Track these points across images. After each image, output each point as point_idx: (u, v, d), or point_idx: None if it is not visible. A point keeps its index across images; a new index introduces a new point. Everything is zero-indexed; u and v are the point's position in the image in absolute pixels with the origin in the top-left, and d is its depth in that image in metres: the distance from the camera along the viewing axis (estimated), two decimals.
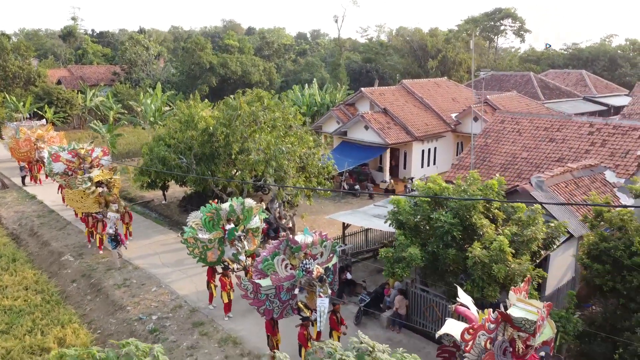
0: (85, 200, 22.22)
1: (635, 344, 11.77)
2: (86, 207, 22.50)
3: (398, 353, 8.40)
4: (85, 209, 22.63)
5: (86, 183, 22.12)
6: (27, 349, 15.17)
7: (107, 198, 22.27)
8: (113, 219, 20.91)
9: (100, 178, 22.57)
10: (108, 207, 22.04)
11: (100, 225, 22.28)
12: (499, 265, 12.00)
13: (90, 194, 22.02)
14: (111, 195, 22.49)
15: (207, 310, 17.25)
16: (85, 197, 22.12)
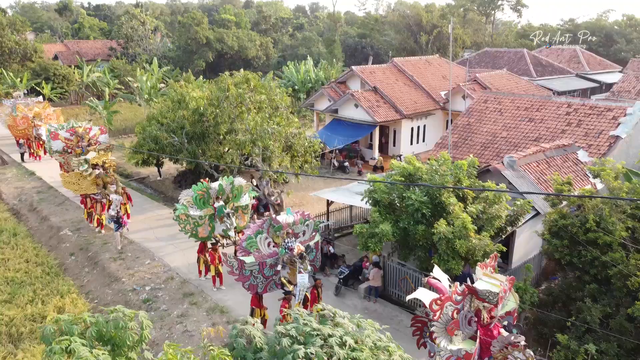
0: (82, 183, 22.60)
1: (585, 313, 12.84)
2: (83, 189, 22.88)
3: (355, 318, 9.39)
4: (83, 190, 23.00)
5: (83, 165, 22.47)
6: (29, 317, 16.28)
7: (105, 179, 22.62)
8: (117, 201, 21.20)
9: (97, 160, 22.80)
10: (106, 189, 22.50)
11: (99, 206, 22.72)
12: (461, 241, 12.99)
13: (87, 176, 22.38)
14: (109, 177, 22.79)
15: (197, 282, 18.34)
16: (82, 179, 22.50)
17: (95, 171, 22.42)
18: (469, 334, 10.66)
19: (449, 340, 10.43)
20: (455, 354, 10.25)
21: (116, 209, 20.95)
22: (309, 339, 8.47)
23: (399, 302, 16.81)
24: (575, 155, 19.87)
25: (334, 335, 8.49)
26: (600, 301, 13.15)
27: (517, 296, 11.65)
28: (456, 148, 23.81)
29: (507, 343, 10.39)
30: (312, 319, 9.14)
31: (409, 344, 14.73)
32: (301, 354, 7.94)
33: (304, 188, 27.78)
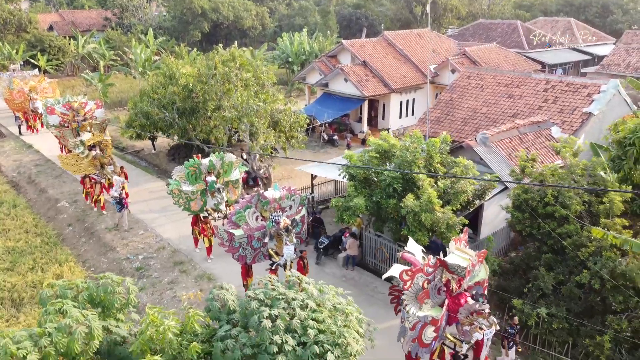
0: (80, 164, 22.67)
1: (540, 280, 13.96)
2: (81, 170, 22.97)
3: (318, 284, 10.46)
4: (81, 171, 23.10)
5: (79, 147, 22.53)
6: (29, 283, 17.48)
7: (102, 160, 22.80)
8: (119, 183, 21.36)
9: (93, 141, 22.85)
10: (104, 169, 22.79)
11: (98, 187, 23.02)
12: (426, 214, 13.99)
13: (84, 157, 22.52)
14: (105, 157, 22.97)
15: (187, 251, 19.48)
16: (80, 160, 22.58)
17: (92, 152, 22.64)
18: (438, 302, 11.73)
19: (418, 307, 11.51)
20: (422, 319, 11.34)
21: (119, 190, 21.22)
22: (274, 302, 9.56)
23: (375, 270, 17.96)
24: (549, 132, 20.70)
25: (297, 298, 9.57)
26: (556, 269, 14.27)
27: (487, 268, 12.72)
28: (438, 123, 24.63)
29: (472, 311, 11.50)
30: (279, 284, 10.23)
31: (382, 308, 16.04)
32: (265, 314, 9.03)
33: (293, 162, 28.67)
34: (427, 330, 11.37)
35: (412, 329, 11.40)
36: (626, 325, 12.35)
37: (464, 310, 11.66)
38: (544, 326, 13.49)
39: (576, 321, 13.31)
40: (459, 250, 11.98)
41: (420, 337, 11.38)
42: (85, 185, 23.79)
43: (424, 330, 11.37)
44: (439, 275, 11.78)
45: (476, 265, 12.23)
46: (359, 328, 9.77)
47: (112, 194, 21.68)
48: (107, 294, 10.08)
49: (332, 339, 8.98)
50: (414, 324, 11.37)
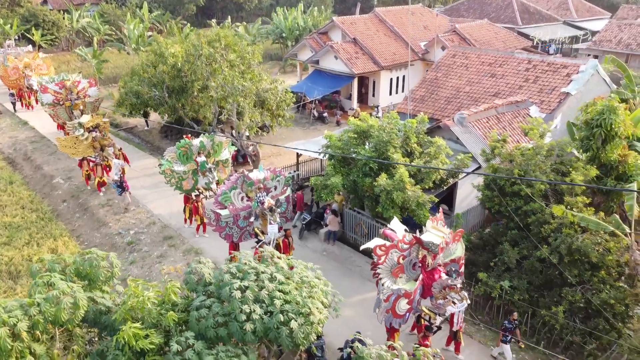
0: (78, 146, 22.78)
1: (505, 255, 14.81)
2: (80, 153, 23.03)
3: (288, 259, 11.29)
4: (80, 154, 23.13)
5: (78, 130, 22.61)
6: (26, 257, 18.35)
7: (102, 142, 22.93)
8: (118, 166, 21.45)
9: (92, 123, 22.87)
10: (104, 151, 22.93)
11: (99, 169, 23.17)
12: (397, 193, 14.74)
13: (84, 139, 22.62)
14: (105, 139, 23.12)
15: (177, 226, 20.33)
16: (79, 143, 22.68)
17: (92, 134, 22.76)
18: (414, 277, 12.53)
19: (392, 281, 12.33)
20: (395, 292, 12.17)
21: (119, 173, 21.34)
22: (245, 275, 10.40)
23: (355, 245, 18.82)
24: (527, 111, 21.28)
25: (266, 272, 10.41)
26: (521, 245, 15.10)
27: (463, 246, 13.51)
28: (423, 102, 25.17)
29: (445, 285, 12.33)
30: (251, 259, 11.06)
31: (359, 280, 17.00)
32: (236, 286, 9.88)
33: (283, 139, 29.31)
34: (400, 302, 12.18)
35: (386, 301, 12.20)
36: (580, 297, 13.23)
37: (437, 285, 12.45)
38: (507, 298, 14.40)
39: (536, 293, 14.23)
40: (435, 229, 12.73)
41: (394, 308, 12.20)
42: (83, 167, 23.85)
43: (398, 303, 12.19)
44: (414, 251, 12.54)
45: (451, 243, 12.99)
46: (324, 299, 10.62)
47: (111, 177, 21.73)
48: (93, 268, 10.88)
49: (297, 309, 9.83)
50: (388, 296, 12.17)
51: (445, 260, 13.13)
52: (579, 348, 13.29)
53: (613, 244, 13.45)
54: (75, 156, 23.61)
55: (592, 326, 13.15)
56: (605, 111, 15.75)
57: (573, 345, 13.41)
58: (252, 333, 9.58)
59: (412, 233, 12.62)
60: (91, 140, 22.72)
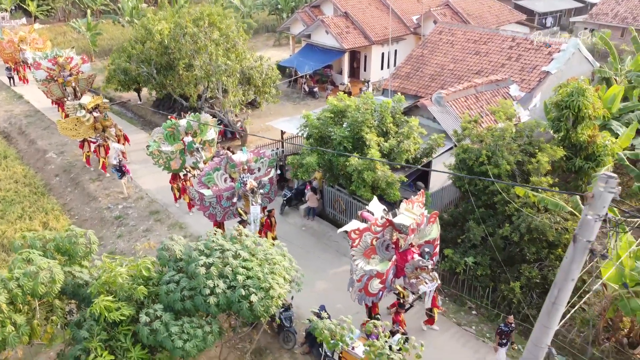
0: (79, 128, 22.66)
1: (470, 232, 15.46)
2: (81, 134, 22.98)
3: (254, 237, 11.97)
4: (80, 136, 23.08)
5: (80, 111, 22.53)
6: (18, 231, 19.15)
7: (104, 123, 22.95)
8: (117, 150, 21.38)
9: (93, 104, 22.80)
10: (105, 132, 23.01)
11: (102, 150, 23.14)
12: (368, 172, 15.32)
13: (85, 121, 22.53)
14: (107, 120, 23.13)
15: (163, 202, 21.03)
16: (80, 124, 22.55)
17: (93, 115, 22.73)
18: (387, 257, 13.10)
19: (366, 262, 12.90)
20: (368, 273, 12.75)
21: (118, 158, 21.36)
22: (212, 252, 11.12)
23: (334, 220, 19.52)
24: (507, 90, 21.60)
25: (230, 249, 11.11)
26: (487, 223, 15.74)
27: (438, 227, 14.04)
28: (408, 79, 25.45)
29: (417, 266, 12.93)
30: (219, 237, 11.75)
31: (334, 255, 17.76)
32: (201, 263, 10.61)
33: (273, 114, 29.72)
34: (372, 282, 12.71)
35: (359, 281, 12.74)
36: (536, 273, 13.94)
37: (409, 265, 13.03)
38: (471, 273, 15.14)
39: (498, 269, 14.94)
40: (408, 211, 13.25)
41: (366, 288, 12.74)
42: (84, 149, 23.95)
43: (370, 282, 12.70)
44: (388, 233, 13.10)
45: (423, 225, 13.50)
46: (286, 275, 11.34)
47: (110, 162, 21.75)
48: (72, 244, 11.63)
49: (258, 284, 10.57)
50: (360, 276, 12.70)
51: (420, 242, 13.69)
52: (534, 321, 14.06)
53: (570, 224, 14.06)
54: (76, 138, 23.51)
55: None
56: (574, 93, 16.13)
57: (529, 319, 14.18)
58: (215, 306, 10.35)
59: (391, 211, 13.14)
60: (92, 121, 22.73)
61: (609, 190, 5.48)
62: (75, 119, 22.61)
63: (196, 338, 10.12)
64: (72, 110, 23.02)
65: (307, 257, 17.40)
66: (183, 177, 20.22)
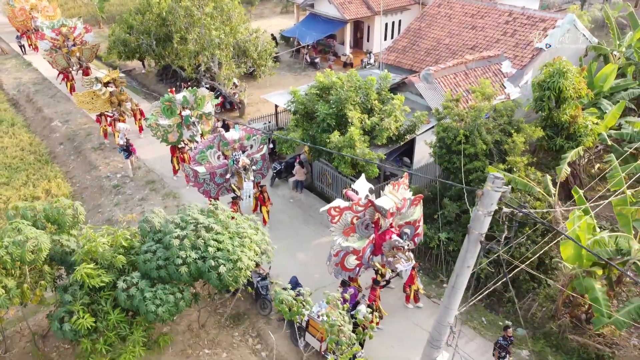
0: (96, 101, 23.12)
1: (446, 209, 16.02)
2: (97, 108, 23.44)
3: (228, 212, 12.72)
4: (97, 109, 23.53)
5: (96, 84, 23.02)
6: (22, 197, 20.25)
7: (119, 97, 23.28)
8: (123, 130, 21.53)
9: (109, 78, 23.21)
10: (121, 106, 23.40)
11: (117, 124, 23.22)
12: (347, 149, 15.85)
13: (101, 95, 23.02)
14: (122, 94, 23.40)
15: (160, 171, 21.85)
16: (96, 98, 23.03)
17: (109, 89, 23.11)
18: (366, 236, 13.66)
19: (344, 239, 13.49)
20: (344, 249, 13.35)
21: (124, 137, 21.44)
22: (187, 225, 11.92)
23: (321, 193, 20.19)
24: (499, 66, 21.64)
25: (204, 223, 11.89)
26: (463, 200, 16.25)
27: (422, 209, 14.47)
28: (404, 53, 25.53)
29: (393, 246, 13.49)
30: (195, 211, 12.53)
31: (317, 227, 18.48)
32: (175, 235, 11.42)
33: (273, 84, 30.04)
34: (349, 258, 13.27)
35: (335, 256, 13.32)
36: (504, 251, 14.50)
37: (387, 244, 13.59)
38: (444, 248, 15.78)
39: None
40: (391, 193, 13.74)
41: (342, 263, 13.29)
42: (101, 122, 24.27)
43: (346, 258, 13.25)
44: (369, 214, 13.65)
45: (405, 208, 13.95)
46: (256, 248, 12.13)
47: (117, 142, 22.12)
48: (60, 215, 12.52)
49: (227, 256, 11.38)
50: (337, 251, 13.27)
51: (401, 222, 14.20)
52: (500, 295, 14.77)
53: (539, 204, 14.52)
54: (92, 112, 23.92)
55: (512, 277, 14.51)
56: (554, 74, 16.28)
57: (495, 293, 14.87)
58: (187, 275, 11.23)
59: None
60: (108, 95, 23.14)
61: (496, 189, 5.99)
62: (91, 93, 23.03)
63: (168, 303, 11.05)
64: (89, 83, 23.48)
65: (292, 228, 18.22)
66: (181, 150, 20.90)
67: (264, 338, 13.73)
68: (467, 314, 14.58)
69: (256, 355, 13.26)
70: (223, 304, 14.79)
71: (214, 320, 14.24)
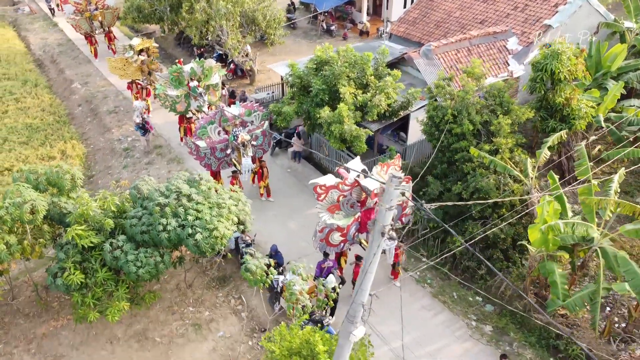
0: (127, 69, 23.68)
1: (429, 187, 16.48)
2: (129, 75, 24.02)
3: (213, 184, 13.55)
4: (128, 76, 24.11)
5: (128, 52, 23.51)
6: (39, 156, 21.62)
7: (150, 66, 23.67)
8: (140, 108, 21.64)
9: (141, 46, 23.69)
10: (151, 75, 23.80)
11: (144, 92, 24.09)
12: (335, 125, 16.35)
13: (132, 62, 23.50)
14: (153, 64, 23.88)
15: (167, 136, 22.81)
16: (128, 65, 23.57)
17: (141, 58, 23.54)
18: (352, 214, 14.28)
19: (330, 216, 14.13)
20: (329, 226, 14.01)
21: (140, 116, 21.58)
22: (171, 194, 12.84)
23: (319, 164, 20.84)
24: (504, 43, 21.39)
25: (185, 192, 12.78)
26: (449, 178, 16.66)
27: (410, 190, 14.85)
28: (414, 24, 25.37)
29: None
30: (181, 181, 13.40)
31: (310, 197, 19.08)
32: (157, 202, 12.36)
33: (287, 52, 30.34)
34: (333, 234, 13.87)
35: (320, 232, 13.89)
36: (478, 229, 14.98)
37: (371, 223, 14.19)
38: (424, 224, 16.34)
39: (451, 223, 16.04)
40: (379, 174, 14.21)
41: (327, 239, 13.93)
42: (132, 90, 24.80)
43: (331, 235, 13.87)
44: (356, 193, 14.21)
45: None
46: (234, 218, 13.00)
47: (134, 119, 22.39)
48: (59, 179, 13.61)
49: (204, 225, 12.29)
50: (322, 228, 13.93)
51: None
52: (473, 272, 15.34)
53: (517, 186, 14.83)
54: (124, 78, 24.46)
55: (487, 255, 15.05)
56: (547, 57, 16.19)
57: (469, 270, 15.45)
58: (167, 240, 12.22)
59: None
60: (140, 63, 23.63)
61: (395, 187, 6.53)
62: (124, 59, 23.65)
63: (148, 265, 12.12)
64: (122, 50, 24.07)
65: (286, 197, 19.02)
66: (188, 120, 21.67)
67: (245, 300, 14.79)
68: (440, 288, 15.27)
69: (236, 315, 14.36)
70: (212, 267, 15.88)
71: (201, 281, 15.36)
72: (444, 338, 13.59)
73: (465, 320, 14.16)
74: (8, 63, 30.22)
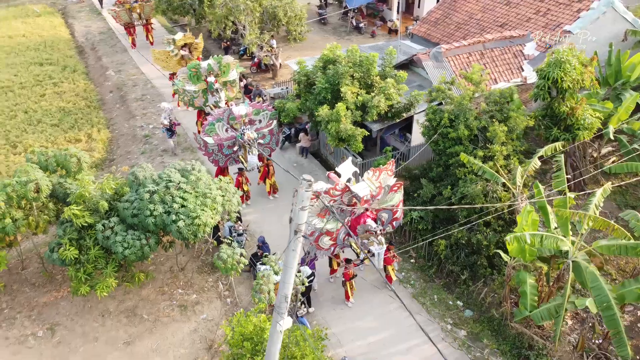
0: (169, 61, 24.94)
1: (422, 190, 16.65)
2: (170, 67, 25.34)
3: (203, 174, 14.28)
4: (170, 69, 25.39)
5: (169, 46, 24.69)
6: (67, 138, 23.11)
7: (189, 61, 24.04)
8: (167, 110, 21.89)
9: (184, 41, 24.80)
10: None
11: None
12: (333, 123, 16.73)
13: (173, 56, 24.65)
14: (193, 59, 24.46)
15: (185, 125, 23.74)
16: (170, 58, 24.88)
17: (181, 52, 24.66)
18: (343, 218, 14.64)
19: (320, 220, 14.53)
20: (318, 230, 14.44)
21: (167, 117, 21.73)
22: (161, 182, 13.68)
23: (325, 160, 21.30)
24: (521, 48, 21.04)
25: (174, 181, 13.58)
26: (443, 182, 16.76)
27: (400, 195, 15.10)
28: (435, 25, 25.26)
29: (366, 229, 14.40)
30: (172, 170, 14.22)
31: None
32: (147, 189, 13.22)
33: (314, 47, 30.75)
34: (323, 238, 14.18)
35: (310, 236, 14.17)
36: (463, 234, 15.06)
37: (360, 228, 14.51)
38: (415, 226, 16.54)
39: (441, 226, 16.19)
40: (369, 180, 14.52)
41: (317, 242, 14.28)
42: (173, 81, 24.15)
43: (321, 238, 14.18)
44: (346, 197, 14.57)
45: (380, 195, 14.60)
46: (218, 207, 13.71)
47: (161, 122, 22.27)
48: (66, 162, 14.73)
49: (188, 212, 13.05)
50: (311, 232, 14.18)
51: (379, 207, 14.92)
52: (456, 276, 15.45)
53: (505, 194, 14.79)
54: (166, 69, 25.74)
55: (471, 261, 15.12)
56: (551, 65, 15.95)
57: (453, 273, 15.56)
58: (153, 225, 13.07)
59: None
60: (180, 57, 24.68)
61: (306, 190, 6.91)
62: (167, 52, 24.87)
63: (135, 247, 13.02)
64: (167, 43, 25.31)
65: (288, 190, 19.59)
66: (206, 115, 22.45)
67: (232, 286, 15.52)
68: (422, 289, 15.48)
69: (221, 300, 15.12)
70: (207, 252, 16.70)
71: (195, 266, 16.21)
72: (416, 338, 13.84)
73: (441, 323, 14.34)
74: (52, 49, 32.21)
